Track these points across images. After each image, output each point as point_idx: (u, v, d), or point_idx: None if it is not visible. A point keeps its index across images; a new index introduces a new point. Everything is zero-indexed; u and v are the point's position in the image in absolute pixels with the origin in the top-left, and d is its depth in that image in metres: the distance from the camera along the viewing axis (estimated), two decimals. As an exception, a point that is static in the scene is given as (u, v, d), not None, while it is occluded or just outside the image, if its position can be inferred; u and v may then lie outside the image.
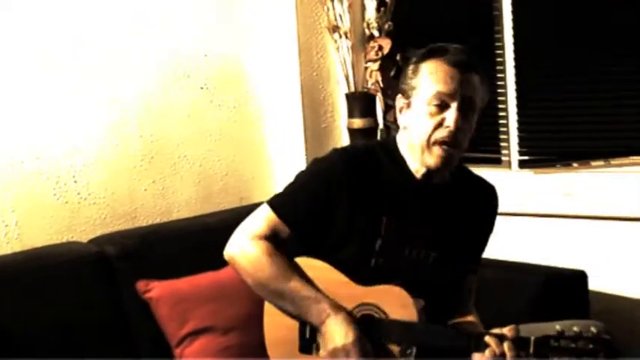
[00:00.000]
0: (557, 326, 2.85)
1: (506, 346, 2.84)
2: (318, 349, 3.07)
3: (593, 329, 2.83)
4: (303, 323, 3.07)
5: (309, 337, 3.08)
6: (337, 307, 2.99)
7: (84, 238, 3.75)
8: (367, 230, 3.07)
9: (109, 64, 3.98)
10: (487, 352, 2.85)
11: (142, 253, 3.62)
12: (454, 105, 2.95)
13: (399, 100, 3.08)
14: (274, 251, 3.06)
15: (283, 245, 3.10)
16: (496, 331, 2.88)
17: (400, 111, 3.09)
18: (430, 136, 2.97)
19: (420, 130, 2.98)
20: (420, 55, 3.03)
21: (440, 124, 2.96)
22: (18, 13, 3.69)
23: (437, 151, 2.98)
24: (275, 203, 3.11)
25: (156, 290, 3.49)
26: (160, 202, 4.14)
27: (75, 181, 3.86)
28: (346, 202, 3.06)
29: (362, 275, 3.04)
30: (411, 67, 3.05)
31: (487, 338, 2.86)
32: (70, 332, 3.35)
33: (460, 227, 3.18)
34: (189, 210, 4.18)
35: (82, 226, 3.85)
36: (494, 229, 3.31)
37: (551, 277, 3.76)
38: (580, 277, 3.76)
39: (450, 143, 2.98)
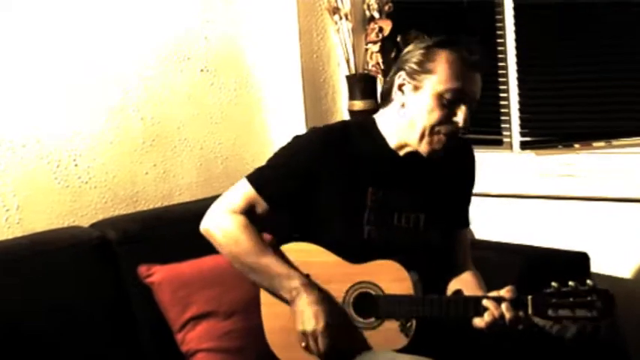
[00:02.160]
0: (554, 283, 2.88)
1: (504, 307, 2.88)
2: None
3: (589, 282, 2.86)
4: None
5: None
6: (310, 286, 3.01)
7: (85, 222, 3.75)
8: (354, 203, 3.10)
9: (109, 47, 3.97)
10: (486, 315, 2.89)
11: (143, 238, 3.61)
12: (466, 104, 3.00)
13: (402, 78, 3.07)
14: (250, 225, 3.09)
15: (260, 220, 3.12)
16: (493, 294, 2.92)
17: (401, 87, 3.08)
18: (435, 126, 3.00)
19: (426, 117, 3.01)
20: (439, 41, 3.05)
21: (448, 119, 3.00)
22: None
23: (437, 139, 3.04)
24: (254, 178, 3.14)
25: (157, 275, 3.48)
26: (161, 185, 4.14)
27: (76, 165, 3.85)
28: (327, 178, 3.09)
29: (356, 251, 3.06)
30: (424, 49, 3.05)
31: (485, 302, 2.90)
32: (71, 317, 3.34)
33: (443, 186, 3.23)
34: (191, 193, 4.19)
35: (83, 211, 3.85)
36: (474, 181, 3.36)
37: (554, 259, 3.78)
38: (582, 258, 3.76)
39: (452, 138, 3.04)
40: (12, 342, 3.17)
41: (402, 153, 3.14)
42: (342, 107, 4.53)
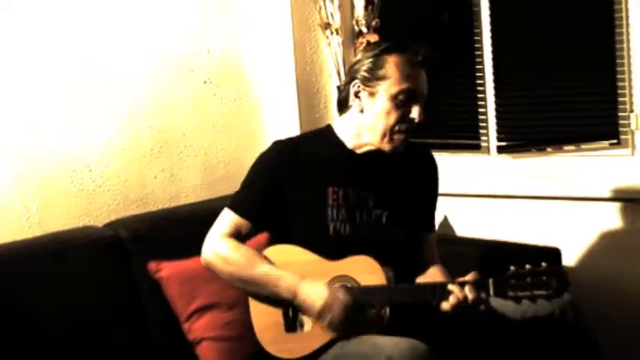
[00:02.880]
0: (512, 266, 2.95)
1: (467, 289, 2.94)
2: (302, 326, 3.15)
3: (543, 264, 2.94)
4: (286, 305, 3.14)
5: (292, 317, 3.15)
6: (302, 279, 3.08)
7: (99, 222, 3.76)
8: (316, 202, 3.17)
9: (121, 62, 3.99)
10: (451, 298, 2.94)
11: (152, 236, 3.63)
12: (420, 101, 3.10)
13: (357, 86, 3.16)
14: (240, 245, 3.18)
15: (247, 238, 3.22)
16: (459, 279, 2.99)
17: (357, 95, 3.17)
18: (394, 126, 3.11)
19: (385, 119, 3.12)
20: (387, 48, 3.15)
21: (403, 117, 3.10)
22: (37, 12, 3.70)
23: (398, 137, 3.14)
24: (232, 204, 3.24)
25: (166, 270, 3.50)
26: (169, 188, 4.15)
27: (90, 170, 3.86)
28: (289, 184, 3.18)
29: (327, 247, 3.14)
30: (373, 57, 3.15)
31: (450, 286, 2.95)
32: (86, 310, 3.36)
33: (404, 187, 3.29)
34: (196, 195, 4.20)
35: (97, 212, 3.87)
36: (438, 191, 3.42)
37: (528, 254, 3.75)
38: (554, 253, 3.77)
39: (411, 132, 3.14)
40: (30, 333, 3.19)
41: (359, 152, 3.22)
42: (333, 115, 4.53)
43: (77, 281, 3.40)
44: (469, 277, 2.98)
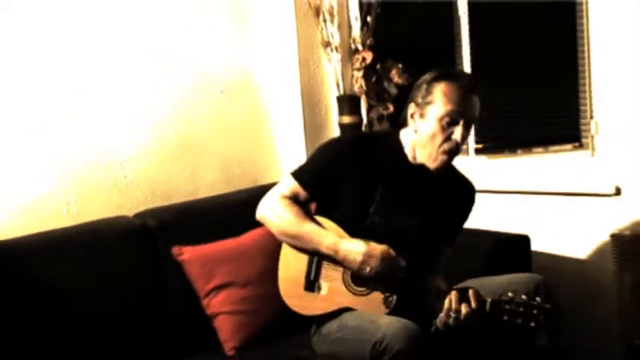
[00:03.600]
0: (510, 293, 2.91)
1: (463, 305, 2.92)
2: (319, 289, 3.17)
3: (538, 299, 2.88)
4: (309, 267, 3.18)
5: (313, 279, 3.17)
6: (341, 236, 3.11)
7: (130, 213, 3.78)
8: (365, 196, 3.15)
9: (150, 77, 4.03)
10: (446, 301, 2.93)
11: (176, 225, 3.65)
12: (461, 122, 3.07)
13: (412, 108, 3.16)
14: (293, 204, 3.19)
15: (301, 205, 3.21)
16: (461, 291, 2.95)
17: (412, 117, 3.17)
18: (439, 146, 3.09)
19: (430, 139, 3.11)
20: (435, 76, 3.13)
21: (448, 137, 3.08)
22: (83, 25, 3.78)
23: (442, 158, 3.12)
24: (296, 173, 3.23)
25: (187, 254, 3.53)
26: (190, 184, 4.17)
27: (123, 168, 3.90)
28: (351, 173, 3.16)
29: (359, 232, 3.11)
30: (425, 84, 3.13)
31: (451, 294, 2.93)
32: (118, 288, 3.41)
33: (440, 207, 3.24)
34: (214, 190, 4.19)
35: (128, 204, 3.89)
36: (468, 218, 3.39)
37: (502, 240, 3.79)
38: (524, 240, 3.79)
39: (454, 153, 3.12)
40: (71, 307, 3.25)
41: (414, 162, 3.20)
42: (333, 121, 4.55)
43: (111, 263, 3.44)
44: (470, 292, 2.94)
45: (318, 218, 3.21)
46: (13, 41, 3.55)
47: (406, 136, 3.23)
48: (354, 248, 3.06)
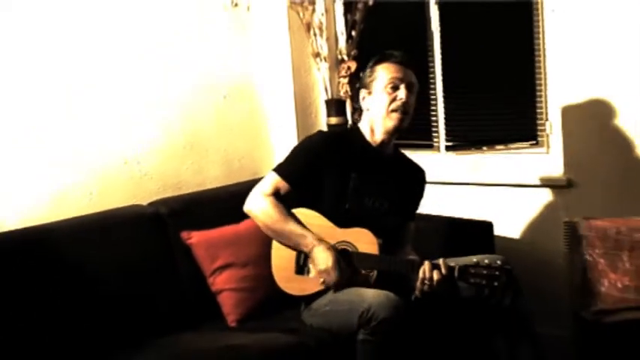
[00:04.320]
0: (474, 258, 3.00)
1: (435, 272, 2.98)
2: (308, 272, 3.21)
3: (498, 262, 2.97)
4: (299, 253, 3.20)
5: (302, 263, 3.21)
6: (320, 240, 3.13)
7: (144, 202, 3.78)
8: (341, 184, 3.21)
9: (162, 83, 4.03)
10: (420, 272, 2.99)
11: (184, 213, 3.66)
12: (403, 85, 3.18)
13: (362, 92, 3.29)
14: (277, 203, 3.20)
15: (284, 199, 3.23)
16: (433, 262, 3.01)
17: (363, 99, 3.28)
18: (388, 106, 3.19)
19: (380, 104, 3.21)
20: (375, 60, 3.29)
21: (394, 99, 3.18)
22: (98, 31, 3.78)
23: (394, 115, 3.21)
24: (278, 169, 3.27)
25: (194, 238, 3.54)
26: (197, 177, 4.17)
27: (138, 163, 3.91)
28: (326, 167, 3.21)
29: (339, 218, 3.18)
30: (369, 69, 3.29)
31: (424, 265, 2.99)
32: (134, 268, 3.43)
33: (402, 188, 3.33)
34: (217, 182, 4.18)
35: (142, 194, 3.89)
36: (422, 197, 3.46)
37: (468, 226, 3.82)
38: (488, 225, 3.80)
39: (402, 111, 3.20)
40: (91, 285, 3.27)
41: (375, 145, 3.29)
42: (322, 122, 4.55)
43: (127, 246, 3.45)
44: (440, 261, 3.01)
45: (302, 210, 3.24)
46: (27, 41, 3.54)
47: (364, 123, 3.32)
48: (322, 258, 3.11)
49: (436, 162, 4.34)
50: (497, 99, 4.22)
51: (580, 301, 3.62)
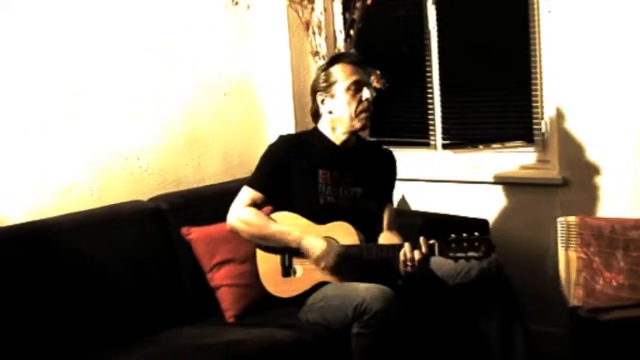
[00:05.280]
0: (452, 234, 3.03)
1: (416, 252, 3.01)
2: (295, 273, 3.24)
3: (476, 233, 3.01)
4: (283, 256, 3.23)
5: (287, 265, 3.23)
6: (304, 233, 3.17)
7: (144, 198, 3.78)
8: (310, 181, 3.25)
9: (163, 80, 4.02)
10: (401, 254, 3.01)
11: (184, 208, 3.66)
12: (365, 87, 3.23)
13: (320, 95, 3.29)
14: (256, 211, 3.25)
15: (261, 207, 3.28)
16: (412, 243, 3.03)
17: (322, 102, 3.29)
18: (356, 109, 3.22)
19: (346, 107, 3.23)
20: (328, 62, 3.32)
21: (360, 100, 3.21)
22: (106, 34, 3.76)
23: (362, 116, 3.25)
24: (249, 182, 3.32)
25: (194, 234, 3.53)
26: (197, 173, 4.16)
27: (138, 159, 3.89)
28: (293, 168, 3.26)
29: (316, 215, 3.21)
30: (323, 72, 3.30)
31: (404, 247, 3.01)
32: (135, 262, 3.42)
33: (372, 173, 3.35)
34: (217, 178, 4.18)
35: (143, 190, 3.88)
36: (396, 178, 3.49)
37: (464, 224, 3.75)
38: (483, 223, 3.81)
39: (369, 110, 3.25)
40: (92, 278, 3.27)
41: (338, 143, 3.31)
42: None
43: (128, 241, 3.44)
44: (421, 239, 3.02)
45: (278, 214, 3.28)
46: (31, 40, 3.54)
47: (323, 125, 3.34)
48: (315, 244, 3.14)
49: (432, 160, 4.34)
50: (493, 98, 4.22)
51: (575, 298, 3.62)
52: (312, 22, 4.33)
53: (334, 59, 3.31)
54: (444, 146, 4.38)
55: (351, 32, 4.36)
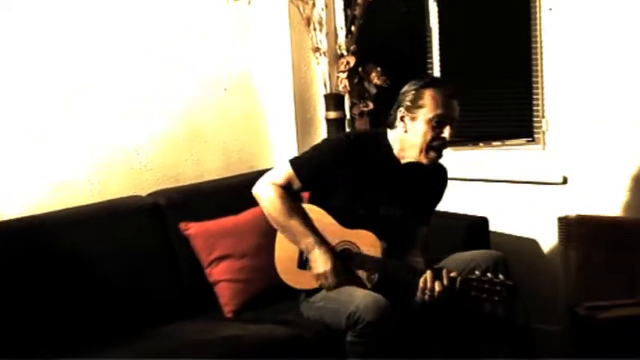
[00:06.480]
0: (477, 271, 2.95)
1: (437, 283, 2.95)
2: (310, 268, 3.18)
3: (501, 276, 2.92)
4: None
5: (305, 259, 3.19)
6: (321, 242, 3.11)
7: (144, 193, 3.78)
8: (355, 191, 3.16)
9: (163, 76, 4.01)
10: (421, 281, 2.96)
11: (183, 204, 3.65)
12: (449, 126, 3.09)
13: (402, 111, 3.15)
14: (285, 196, 3.16)
15: (294, 193, 3.20)
16: (435, 269, 2.99)
17: (402, 119, 3.15)
18: (429, 143, 3.10)
19: (421, 137, 3.11)
20: (423, 84, 3.13)
21: (437, 136, 3.09)
22: (110, 34, 3.76)
23: (432, 154, 3.14)
24: (294, 162, 3.21)
25: (193, 229, 3.53)
26: (196, 168, 4.15)
27: (137, 154, 3.89)
28: (345, 171, 3.14)
29: (349, 220, 3.14)
30: (414, 90, 3.13)
31: (426, 274, 2.96)
32: (133, 258, 3.42)
33: (420, 193, 3.27)
34: (216, 174, 4.17)
35: (142, 185, 3.88)
36: (442, 199, 3.40)
37: (464, 222, 3.82)
38: (484, 221, 3.82)
39: (442, 150, 3.14)
40: (91, 273, 3.27)
41: (402, 162, 3.21)
42: (320, 116, 4.54)
43: (127, 236, 3.44)
44: (444, 272, 2.97)
45: (312, 206, 3.22)
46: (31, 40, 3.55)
47: (393, 136, 3.21)
48: (321, 261, 3.10)
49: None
50: (494, 95, 4.22)
51: (575, 296, 3.63)
52: (313, 18, 4.34)
53: (432, 82, 3.17)
54: (445, 144, 4.35)
55: (352, 28, 4.37)
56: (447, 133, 3.09)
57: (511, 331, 3.14)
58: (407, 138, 3.16)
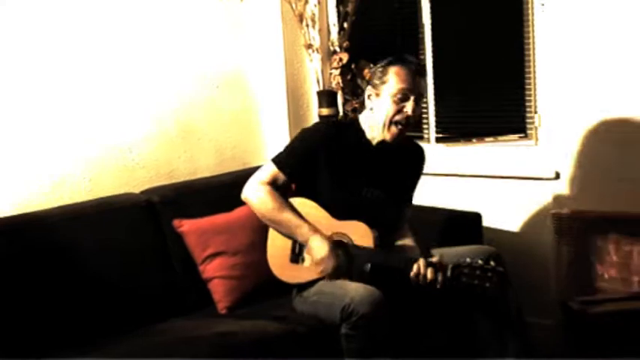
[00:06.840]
0: (468, 259, 2.97)
1: (429, 270, 2.97)
2: (303, 261, 3.19)
3: (492, 262, 2.97)
4: (294, 242, 3.19)
5: (297, 252, 3.20)
6: (315, 230, 3.13)
7: (136, 190, 3.78)
8: (336, 177, 3.20)
9: (155, 72, 4.02)
10: (414, 267, 2.98)
11: (176, 201, 3.66)
12: (412, 97, 3.11)
13: (369, 89, 3.20)
14: (274, 192, 3.18)
15: (281, 189, 3.21)
16: (428, 260, 3.00)
17: (369, 97, 3.20)
18: (392, 117, 3.12)
19: (384, 112, 3.13)
20: (388, 61, 3.16)
21: (400, 110, 3.11)
22: (101, 35, 3.75)
23: (393, 129, 3.14)
24: (276, 159, 3.24)
25: (186, 226, 3.54)
26: (189, 165, 4.16)
27: (130, 152, 3.89)
28: (325, 157, 3.18)
29: (336, 209, 3.17)
30: (380, 68, 3.17)
31: (419, 262, 2.98)
32: (127, 255, 3.43)
33: (399, 173, 3.30)
34: (209, 171, 4.18)
35: (135, 182, 3.88)
36: (421, 176, 3.41)
37: (458, 217, 3.82)
38: (476, 217, 3.82)
39: (404, 124, 3.14)
40: (84, 270, 3.27)
41: (374, 143, 3.23)
42: (313, 112, 4.55)
43: (120, 233, 3.45)
44: (434, 259, 3.00)
45: (299, 199, 3.24)
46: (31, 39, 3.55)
47: (364, 119, 3.27)
48: (319, 247, 3.11)
49: (426, 153, 4.33)
50: (487, 91, 4.23)
51: (567, 290, 3.64)
52: (306, 14, 4.34)
53: (396, 60, 3.18)
54: (438, 139, 4.39)
55: (345, 25, 4.38)
56: (409, 108, 3.12)
57: (505, 319, 3.16)
58: (374, 116, 3.20)
